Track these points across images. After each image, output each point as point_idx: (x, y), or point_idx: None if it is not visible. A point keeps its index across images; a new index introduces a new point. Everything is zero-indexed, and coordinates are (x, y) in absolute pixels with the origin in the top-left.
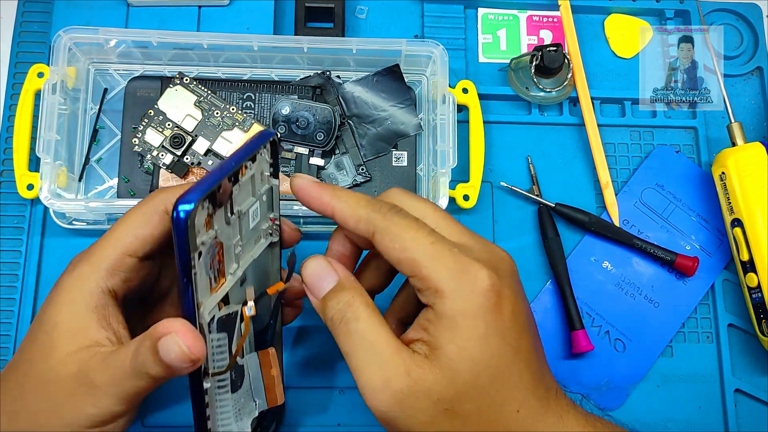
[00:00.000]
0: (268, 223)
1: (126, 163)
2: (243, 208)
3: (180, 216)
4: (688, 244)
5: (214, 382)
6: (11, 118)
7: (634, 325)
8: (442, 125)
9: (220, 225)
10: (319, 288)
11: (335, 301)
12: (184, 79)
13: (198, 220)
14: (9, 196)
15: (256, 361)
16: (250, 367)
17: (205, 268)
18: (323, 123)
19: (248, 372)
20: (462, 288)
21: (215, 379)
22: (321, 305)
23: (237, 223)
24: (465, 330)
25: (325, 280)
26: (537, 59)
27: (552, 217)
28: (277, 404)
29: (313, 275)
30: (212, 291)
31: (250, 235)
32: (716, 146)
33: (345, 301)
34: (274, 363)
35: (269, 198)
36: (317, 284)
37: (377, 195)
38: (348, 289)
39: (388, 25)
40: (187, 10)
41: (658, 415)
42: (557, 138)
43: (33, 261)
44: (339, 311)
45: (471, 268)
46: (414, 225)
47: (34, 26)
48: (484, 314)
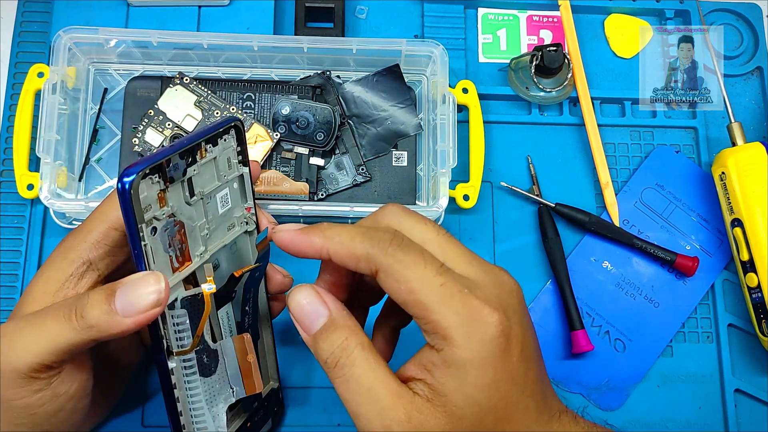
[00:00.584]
0: (243, 212)
1: (126, 163)
2: (206, 190)
3: (122, 184)
4: (688, 244)
5: (180, 362)
6: (11, 118)
7: (634, 325)
8: (442, 125)
9: (178, 203)
10: (308, 325)
11: (328, 343)
12: (184, 79)
13: (147, 192)
14: (9, 196)
15: (231, 347)
16: (226, 353)
17: (162, 245)
18: (323, 123)
19: (223, 358)
20: (472, 336)
21: (180, 359)
22: (312, 344)
23: (201, 205)
24: (473, 378)
25: (315, 316)
26: (537, 59)
27: (552, 217)
28: (255, 392)
29: (301, 311)
30: (174, 270)
31: (220, 221)
32: (716, 146)
33: (338, 344)
34: (250, 349)
35: (241, 185)
36: (306, 320)
37: (376, 194)
38: (341, 328)
39: (388, 25)
40: (187, 10)
41: (658, 415)
42: (557, 138)
43: (33, 261)
44: (332, 355)
45: (481, 314)
46: (420, 261)
47: (34, 26)
48: (494, 361)
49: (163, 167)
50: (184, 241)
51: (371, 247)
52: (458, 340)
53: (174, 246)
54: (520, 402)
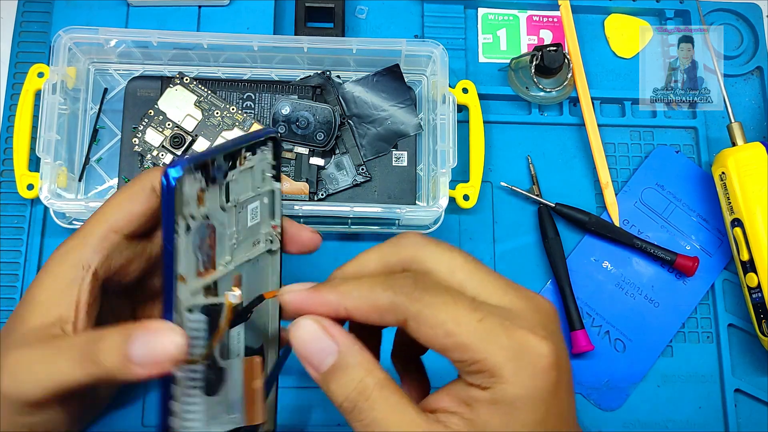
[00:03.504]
0: (269, 229)
1: (126, 163)
2: (241, 199)
3: (167, 177)
4: (688, 244)
5: (186, 372)
6: (11, 118)
7: (634, 325)
8: (442, 125)
9: (214, 206)
10: (317, 363)
11: (342, 385)
12: (184, 79)
13: (188, 188)
14: (9, 196)
15: (239, 369)
16: (232, 375)
17: (192, 245)
18: (323, 123)
19: (230, 379)
20: (523, 371)
21: (187, 369)
22: (323, 384)
23: (233, 212)
24: (523, 416)
25: (323, 354)
26: (537, 59)
27: (552, 217)
28: (255, 423)
29: (305, 348)
30: (198, 275)
31: (248, 234)
32: (716, 146)
33: (353, 386)
34: (257, 374)
35: (271, 201)
36: (313, 359)
37: (376, 193)
38: (354, 366)
39: (388, 25)
40: (187, 10)
41: (658, 415)
42: (557, 138)
43: (33, 261)
44: (348, 399)
45: (530, 344)
46: (451, 301)
47: (34, 26)
48: (545, 397)
49: (208, 166)
50: (213, 246)
51: (395, 295)
52: (508, 377)
53: (203, 250)
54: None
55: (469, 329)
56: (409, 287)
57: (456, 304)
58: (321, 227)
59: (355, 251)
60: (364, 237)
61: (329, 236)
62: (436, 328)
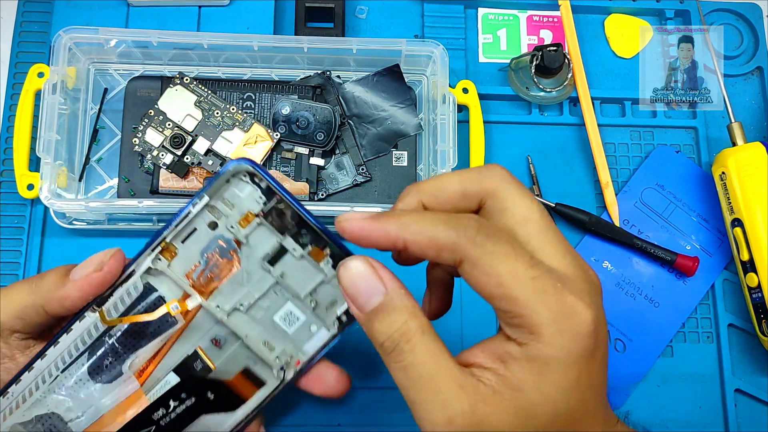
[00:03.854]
0: (286, 354)
1: (126, 163)
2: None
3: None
4: (688, 244)
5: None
6: (11, 118)
7: (634, 325)
8: (442, 125)
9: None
10: (362, 303)
11: (386, 325)
12: (184, 79)
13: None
14: (9, 196)
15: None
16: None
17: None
18: (323, 123)
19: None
20: (564, 334)
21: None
22: (366, 323)
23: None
24: (556, 377)
25: (370, 294)
26: (537, 59)
27: (552, 217)
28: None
29: (354, 286)
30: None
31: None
32: (716, 146)
33: (397, 327)
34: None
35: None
36: (360, 297)
37: (377, 193)
38: (399, 309)
39: (388, 25)
40: (187, 10)
41: (658, 415)
42: (557, 138)
43: (33, 261)
44: (390, 339)
45: (576, 310)
46: (511, 253)
47: (34, 26)
48: (581, 362)
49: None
50: (221, 276)
51: (457, 236)
52: (547, 337)
53: (209, 266)
54: (593, 407)
55: (522, 285)
56: (472, 230)
57: (516, 257)
58: None
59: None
60: None
61: None
62: (490, 276)
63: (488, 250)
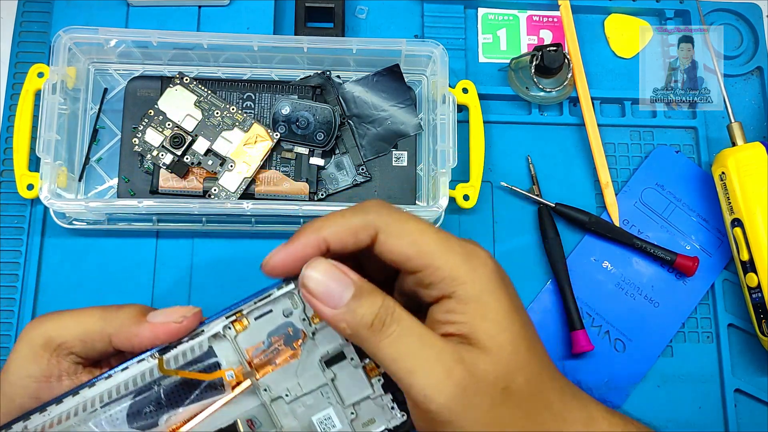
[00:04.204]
0: None
1: (126, 163)
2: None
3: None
4: (688, 244)
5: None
6: (11, 118)
7: (634, 325)
8: (442, 125)
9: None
10: (337, 297)
11: (368, 306)
12: (184, 79)
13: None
14: (9, 196)
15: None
16: None
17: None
18: (323, 123)
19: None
20: (477, 270)
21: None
22: (346, 314)
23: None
24: (493, 306)
25: (342, 287)
26: (537, 59)
27: (552, 217)
28: None
29: (325, 285)
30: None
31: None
32: (716, 146)
33: (379, 304)
34: None
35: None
36: (333, 294)
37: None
38: (373, 291)
39: (388, 25)
40: (187, 10)
41: (658, 415)
42: (557, 138)
43: (33, 261)
44: (378, 317)
45: (476, 251)
46: (414, 217)
47: (34, 26)
48: (502, 291)
49: None
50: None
51: (365, 214)
52: (466, 276)
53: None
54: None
55: (431, 239)
56: (377, 205)
57: (419, 221)
58: None
59: None
60: None
61: None
62: (403, 238)
63: (395, 217)
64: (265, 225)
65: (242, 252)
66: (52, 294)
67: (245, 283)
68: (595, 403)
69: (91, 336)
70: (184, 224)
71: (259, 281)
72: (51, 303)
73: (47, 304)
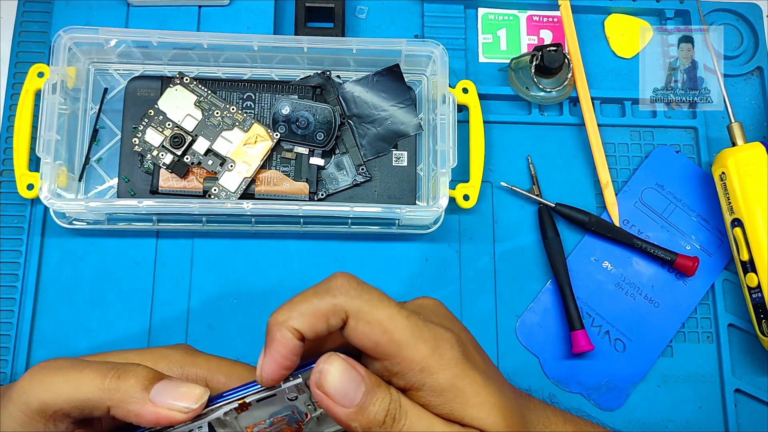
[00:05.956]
0: None
1: (126, 163)
2: None
3: None
4: (688, 244)
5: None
6: (11, 118)
7: (634, 325)
8: (442, 125)
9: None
10: (352, 397)
11: (379, 404)
12: (184, 79)
13: None
14: (9, 196)
15: None
16: None
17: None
18: (323, 123)
19: None
20: (444, 356)
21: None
22: (358, 414)
23: None
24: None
25: (356, 386)
26: (537, 59)
27: (552, 217)
28: None
29: (344, 386)
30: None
31: None
32: (716, 146)
33: (389, 399)
34: None
35: None
36: (350, 393)
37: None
38: (380, 384)
39: (388, 25)
40: (187, 10)
41: (658, 415)
42: (557, 138)
43: (33, 261)
44: (389, 413)
45: (442, 336)
46: (383, 298)
47: (34, 26)
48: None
49: None
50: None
51: (333, 297)
52: (434, 366)
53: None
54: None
55: (401, 326)
56: (345, 286)
57: (389, 304)
58: (321, 227)
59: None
60: (364, 237)
61: (329, 236)
62: (373, 325)
63: (365, 299)
64: (265, 225)
65: (242, 252)
66: (52, 294)
67: (245, 283)
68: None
69: (89, 405)
70: (184, 224)
71: (259, 281)
72: (51, 303)
73: (47, 304)
